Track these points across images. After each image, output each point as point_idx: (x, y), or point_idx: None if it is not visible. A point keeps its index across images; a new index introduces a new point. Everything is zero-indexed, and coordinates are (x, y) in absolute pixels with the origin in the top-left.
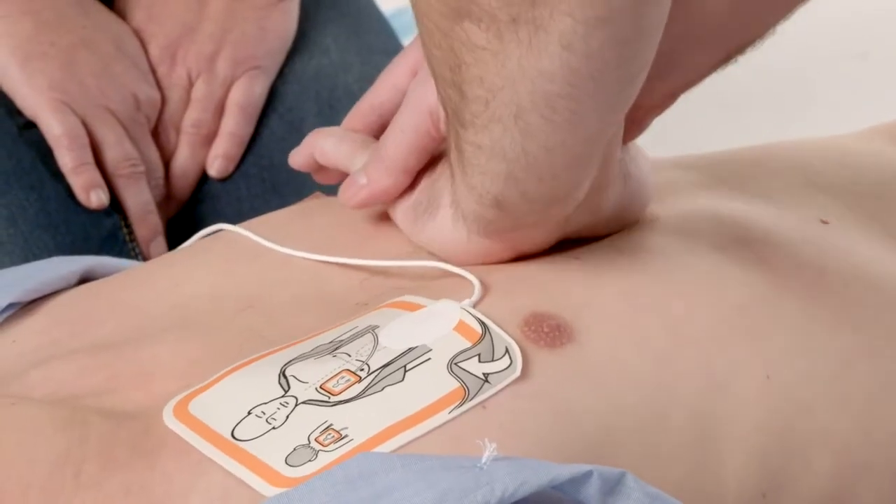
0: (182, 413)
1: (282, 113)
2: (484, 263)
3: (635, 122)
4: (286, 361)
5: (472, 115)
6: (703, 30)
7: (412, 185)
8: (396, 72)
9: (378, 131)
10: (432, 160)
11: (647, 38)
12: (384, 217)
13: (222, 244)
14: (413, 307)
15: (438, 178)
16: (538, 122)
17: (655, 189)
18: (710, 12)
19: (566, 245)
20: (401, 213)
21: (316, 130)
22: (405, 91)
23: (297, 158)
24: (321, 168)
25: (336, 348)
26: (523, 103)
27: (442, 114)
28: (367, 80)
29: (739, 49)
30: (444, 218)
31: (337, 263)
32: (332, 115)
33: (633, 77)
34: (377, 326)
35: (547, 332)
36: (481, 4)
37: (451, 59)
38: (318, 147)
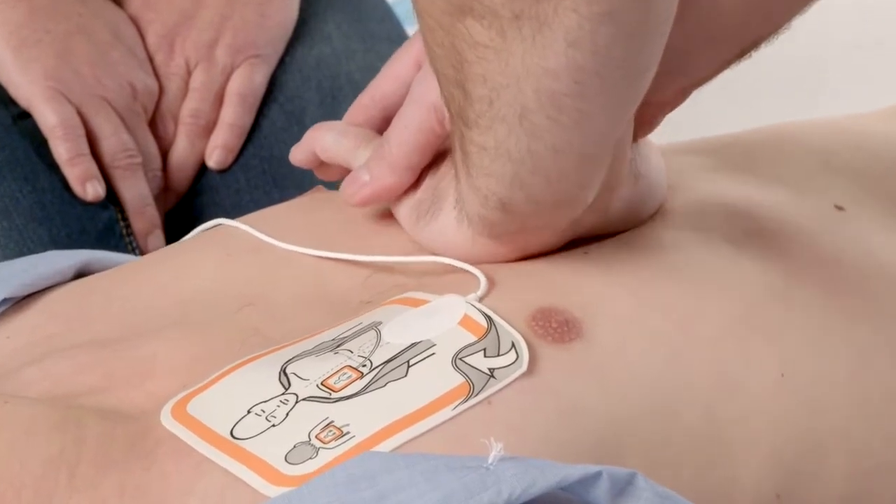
0: (180, 414)
1: (282, 102)
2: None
3: (645, 121)
4: (287, 359)
5: (476, 115)
6: (716, 26)
7: (416, 183)
8: (400, 63)
9: (381, 125)
10: (437, 157)
11: (655, 33)
12: (388, 212)
13: (222, 239)
14: (417, 303)
15: (443, 178)
16: (544, 122)
17: (667, 179)
18: (723, 9)
19: (575, 240)
20: (404, 211)
21: (316, 125)
22: (409, 83)
23: (298, 154)
24: (323, 164)
25: (338, 345)
26: (528, 102)
27: (446, 112)
28: (370, 69)
29: (753, 45)
30: (447, 218)
31: (340, 260)
32: (334, 104)
33: (641, 73)
34: (380, 322)
35: (555, 327)
36: (483, 1)
37: (453, 57)
38: (319, 142)
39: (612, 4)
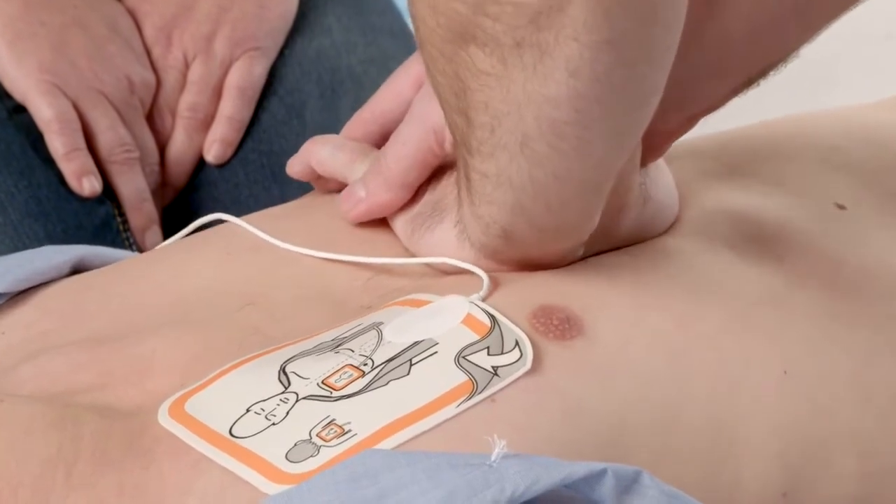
0: (178, 412)
1: (282, 96)
2: None
3: (653, 148)
4: (287, 358)
5: (478, 142)
6: (722, 57)
7: (413, 199)
8: (401, 81)
9: (379, 141)
10: (436, 173)
11: (657, 62)
12: None
13: (222, 236)
14: (420, 304)
15: (443, 194)
16: (545, 150)
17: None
18: (729, 40)
19: None
20: (400, 225)
21: (314, 139)
22: (409, 101)
23: (295, 167)
24: (320, 177)
25: (339, 345)
26: (529, 130)
27: (449, 135)
28: (371, 62)
29: (761, 74)
30: (445, 232)
31: (341, 261)
32: (334, 98)
33: (642, 102)
34: (381, 323)
35: (556, 324)
36: (485, 28)
37: (455, 85)
38: (316, 156)
39: (613, 33)
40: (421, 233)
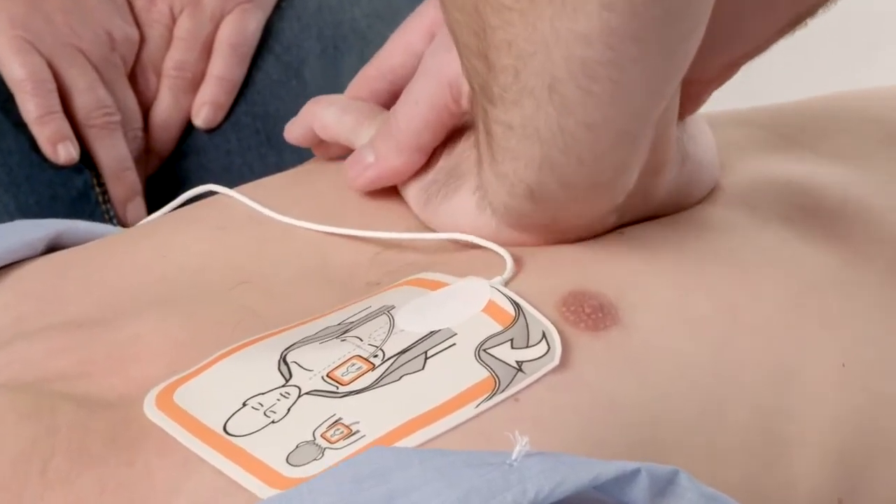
0: (166, 403)
1: (279, 53)
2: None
3: (691, 98)
4: (287, 346)
5: (501, 89)
6: None
7: (427, 164)
8: (411, 32)
9: (388, 101)
10: (451, 135)
11: None
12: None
13: (214, 209)
14: (435, 285)
15: (459, 158)
16: (576, 95)
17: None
18: None
19: None
20: (412, 193)
21: (316, 99)
22: (420, 55)
23: (295, 131)
24: (322, 142)
25: (345, 331)
26: (558, 73)
27: (465, 87)
28: (377, 16)
29: (809, 11)
30: (463, 201)
31: (345, 235)
32: (336, 55)
33: (683, 39)
34: (393, 307)
35: (588, 313)
36: None
37: (475, 23)
38: (318, 119)
39: None
40: (437, 202)
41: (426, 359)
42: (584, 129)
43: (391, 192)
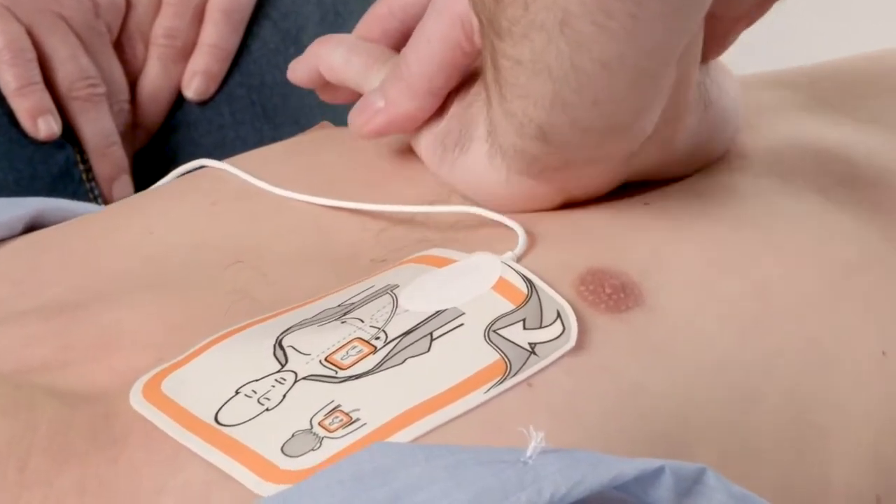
0: (153, 394)
1: (275, 20)
2: (528, 210)
3: (717, 37)
4: (283, 329)
5: (510, 22)
6: None
7: (440, 111)
8: None
9: (399, 41)
10: (465, 80)
11: None
12: (406, 153)
13: (204, 184)
14: (442, 262)
15: (472, 103)
16: (589, 30)
17: (745, 115)
18: None
19: (632, 187)
20: (425, 144)
21: (322, 38)
22: None
23: (299, 72)
24: (328, 85)
25: (345, 313)
26: (570, 5)
27: (475, 22)
28: None
29: None
30: (478, 153)
31: (348, 209)
32: (337, 21)
33: None
34: (397, 286)
35: (609, 293)
36: None
37: None
38: (325, 60)
39: None
40: (455, 154)
41: (432, 340)
42: (600, 68)
43: (398, 164)
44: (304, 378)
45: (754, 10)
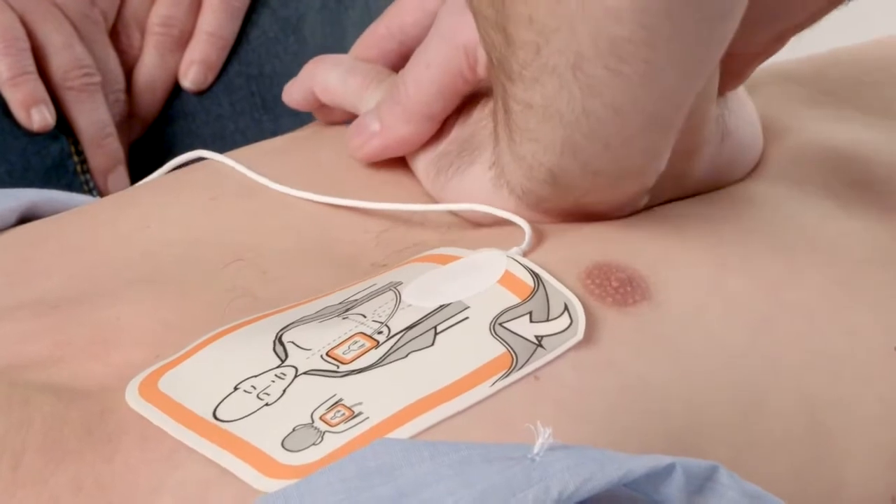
0: (150, 391)
1: (275, 8)
2: None
3: (733, 73)
4: (283, 326)
5: (520, 66)
6: None
7: (439, 134)
8: None
9: (397, 62)
10: (466, 102)
11: None
12: None
13: (204, 178)
14: (447, 260)
15: (476, 132)
16: (602, 76)
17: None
18: None
19: None
20: (421, 165)
21: (318, 58)
22: (434, 13)
23: (294, 94)
24: (324, 106)
25: (347, 309)
26: (583, 51)
27: (482, 56)
28: None
29: None
30: (478, 177)
31: (350, 208)
32: (339, 10)
33: (723, 15)
34: (400, 283)
35: (616, 286)
36: None
37: None
38: (320, 80)
39: None
40: (447, 176)
41: (436, 334)
42: (612, 113)
43: (400, 162)
44: (304, 373)
45: (771, 45)
